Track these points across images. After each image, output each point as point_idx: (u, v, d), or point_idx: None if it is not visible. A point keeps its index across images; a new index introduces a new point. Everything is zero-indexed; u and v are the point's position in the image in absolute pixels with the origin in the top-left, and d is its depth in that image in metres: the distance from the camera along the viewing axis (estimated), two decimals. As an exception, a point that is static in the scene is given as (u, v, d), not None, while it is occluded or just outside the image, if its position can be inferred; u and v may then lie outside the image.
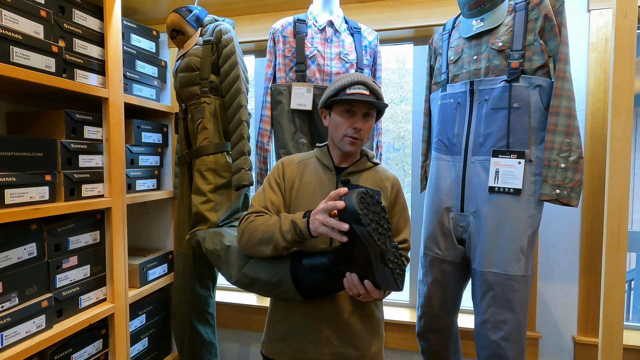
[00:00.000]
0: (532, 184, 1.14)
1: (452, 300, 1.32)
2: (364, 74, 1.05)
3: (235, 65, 1.47)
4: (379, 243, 0.82)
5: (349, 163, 1.09)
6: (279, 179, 1.11)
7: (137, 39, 1.74)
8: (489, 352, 1.17)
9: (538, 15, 1.12)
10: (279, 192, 1.10)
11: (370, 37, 1.50)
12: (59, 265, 1.30)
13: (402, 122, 3.56)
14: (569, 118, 1.10)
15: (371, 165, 1.11)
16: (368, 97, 0.99)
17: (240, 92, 1.46)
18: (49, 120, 1.37)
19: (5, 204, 1.13)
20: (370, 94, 1.00)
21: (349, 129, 1.01)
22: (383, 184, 1.08)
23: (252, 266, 1.06)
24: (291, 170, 1.11)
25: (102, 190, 1.45)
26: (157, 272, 1.80)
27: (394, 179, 1.11)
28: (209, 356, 1.63)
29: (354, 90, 1.00)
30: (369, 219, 0.82)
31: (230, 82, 1.47)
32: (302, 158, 1.15)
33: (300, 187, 1.08)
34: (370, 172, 1.09)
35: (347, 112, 1.02)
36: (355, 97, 0.98)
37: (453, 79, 1.28)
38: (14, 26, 1.16)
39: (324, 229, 0.87)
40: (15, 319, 1.13)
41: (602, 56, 1.43)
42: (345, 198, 0.83)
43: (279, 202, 1.09)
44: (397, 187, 1.10)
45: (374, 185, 1.07)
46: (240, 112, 1.45)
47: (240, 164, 1.43)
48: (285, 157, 1.16)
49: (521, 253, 1.13)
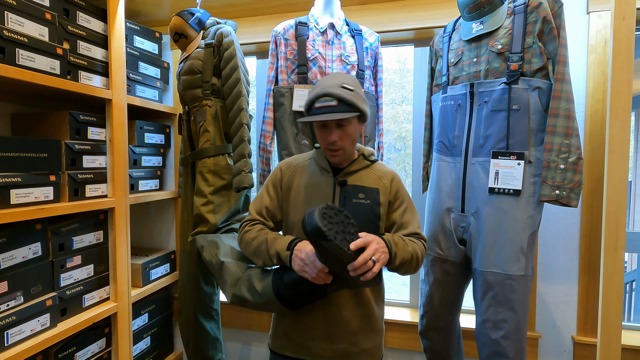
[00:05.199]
0: (531, 185, 1.16)
1: (454, 300, 1.33)
2: (334, 84, 0.99)
3: (236, 69, 1.49)
4: (348, 251, 0.87)
5: (346, 163, 1.08)
6: (276, 184, 1.13)
7: (140, 40, 1.76)
8: (490, 350, 1.18)
9: (537, 17, 1.13)
10: (275, 197, 1.13)
11: (372, 38, 1.51)
12: (63, 265, 1.32)
13: (403, 123, 3.57)
14: (568, 119, 1.11)
15: (368, 163, 1.10)
16: (335, 107, 0.96)
17: (241, 95, 1.48)
18: (54, 121, 1.38)
19: (11, 204, 1.14)
20: (338, 103, 0.96)
21: (326, 142, 1.01)
22: (381, 181, 1.07)
23: (240, 288, 1.12)
24: (289, 173, 1.12)
25: (106, 190, 1.47)
26: (159, 272, 1.81)
27: (392, 174, 1.10)
28: (214, 351, 1.65)
29: (321, 104, 0.98)
30: (335, 232, 0.87)
31: (231, 85, 1.49)
32: (300, 160, 1.15)
33: (299, 191, 1.09)
34: (367, 170, 1.09)
35: (321, 126, 1.01)
36: (321, 113, 0.97)
37: (453, 81, 1.29)
38: (19, 29, 1.18)
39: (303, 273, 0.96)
40: (20, 317, 1.15)
41: (601, 58, 1.44)
42: (308, 219, 0.87)
43: (274, 208, 1.13)
44: (396, 181, 1.09)
45: (372, 183, 1.06)
46: (240, 115, 1.47)
47: (241, 166, 1.44)
48: (284, 161, 1.16)
49: (521, 253, 1.14)
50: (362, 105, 1.00)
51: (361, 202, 1.04)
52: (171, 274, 1.90)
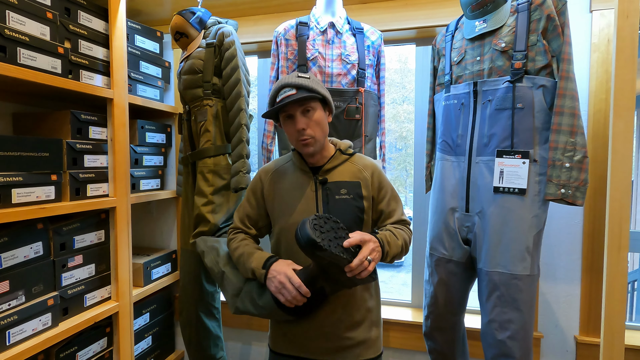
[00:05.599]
0: (536, 183, 1.15)
1: (458, 300, 1.32)
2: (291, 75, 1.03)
3: (236, 69, 1.49)
4: (343, 256, 0.90)
5: (323, 161, 1.08)
6: (256, 192, 1.15)
7: (141, 40, 1.76)
8: (496, 351, 1.17)
9: (541, 15, 1.12)
10: (255, 205, 1.15)
11: (374, 36, 1.50)
12: (65, 264, 1.31)
13: (404, 122, 3.56)
14: (573, 117, 1.11)
15: (346, 157, 1.10)
16: (295, 95, 0.98)
17: (241, 95, 1.48)
18: (55, 120, 1.38)
19: (12, 204, 1.14)
20: (297, 90, 0.99)
21: (295, 133, 1.02)
22: (362, 174, 1.08)
23: (243, 302, 1.12)
24: (268, 180, 1.13)
25: (107, 190, 1.46)
26: (160, 271, 1.81)
27: (372, 165, 1.11)
28: (216, 349, 1.66)
29: (281, 96, 1.00)
30: (328, 240, 0.89)
31: (231, 85, 1.49)
32: (279, 165, 1.16)
33: (280, 195, 1.10)
34: (346, 164, 1.09)
35: (288, 117, 1.03)
36: (282, 101, 0.98)
37: (456, 80, 1.28)
38: (20, 28, 1.17)
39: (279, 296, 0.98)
40: (21, 316, 1.14)
41: (604, 57, 1.43)
42: (300, 232, 0.89)
43: (255, 216, 1.16)
44: (377, 172, 1.10)
45: (352, 177, 1.07)
46: (240, 115, 1.48)
47: (239, 167, 1.45)
48: (262, 168, 1.18)
49: (527, 253, 1.14)
50: (323, 90, 1.02)
51: (344, 197, 1.05)
52: (172, 273, 1.89)
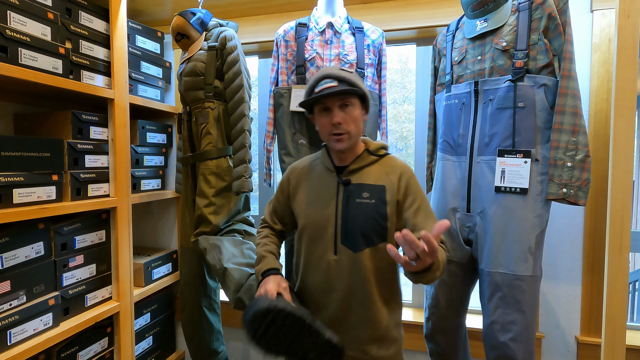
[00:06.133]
0: (538, 183, 1.14)
1: (460, 301, 1.31)
2: (333, 67, 1.00)
3: (239, 74, 1.50)
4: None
5: (350, 160, 1.04)
6: (283, 189, 1.14)
7: (142, 40, 1.76)
8: (498, 353, 1.15)
9: (542, 14, 1.12)
10: (282, 201, 1.15)
11: (374, 35, 1.50)
12: (66, 264, 1.32)
13: (405, 123, 3.57)
14: (575, 117, 1.10)
15: (375, 158, 1.04)
16: (336, 87, 0.94)
17: (243, 101, 1.50)
18: (56, 120, 1.38)
19: (14, 204, 1.14)
20: (339, 83, 0.95)
21: (330, 127, 0.98)
22: (388, 178, 1.01)
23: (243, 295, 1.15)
24: (295, 176, 1.12)
25: (108, 190, 1.46)
26: (161, 271, 1.81)
27: (401, 168, 1.03)
28: (218, 343, 1.69)
29: (322, 87, 0.96)
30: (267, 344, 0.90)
31: (233, 90, 1.50)
32: (308, 162, 1.14)
33: (305, 193, 1.07)
34: (374, 166, 1.03)
35: (324, 110, 0.99)
36: (322, 92, 0.94)
37: (457, 79, 1.28)
38: (22, 28, 1.17)
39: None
40: (23, 316, 1.15)
41: (605, 56, 1.43)
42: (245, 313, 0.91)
43: (282, 212, 1.16)
44: (406, 176, 1.01)
45: (378, 180, 1.01)
46: (242, 121, 1.49)
47: (241, 171, 1.47)
48: (294, 163, 1.16)
49: (529, 253, 1.13)
50: (364, 87, 0.98)
51: (365, 202, 0.99)
52: (173, 273, 1.90)
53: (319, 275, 1.03)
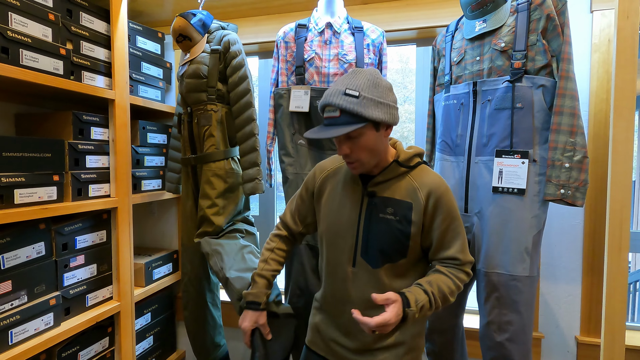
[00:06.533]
0: (536, 183, 1.14)
1: (457, 302, 1.32)
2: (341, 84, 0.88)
3: (245, 79, 1.52)
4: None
5: (377, 171, 0.96)
6: (309, 188, 1.09)
7: (142, 41, 1.76)
8: (495, 353, 1.16)
9: (540, 15, 1.12)
10: (307, 199, 1.10)
11: (374, 34, 1.50)
12: (67, 264, 1.32)
13: (405, 123, 3.56)
14: (573, 117, 1.10)
15: (405, 170, 0.95)
16: (338, 119, 0.86)
17: (251, 106, 1.52)
18: (57, 121, 1.39)
19: (15, 204, 1.15)
20: (341, 113, 0.86)
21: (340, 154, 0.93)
22: (415, 194, 0.93)
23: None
24: (321, 179, 1.07)
25: (109, 190, 1.47)
26: (162, 272, 1.82)
27: (431, 185, 0.93)
28: (220, 337, 1.73)
29: (326, 115, 0.89)
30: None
31: (239, 94, 1.52)
32: (335, 164, 1.08)
33: (328, 198, 1.03)
34: (402, 179, 0.95)
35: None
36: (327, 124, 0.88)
37: (456, 80, 1.28)
38: (23, 29, 1.18)
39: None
40: (24, 316, 1.15)
41: (604, 57, 1.43)
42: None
43: (306, 212, 1.12)
44: (436, 194, 0.92)
45: (405, 196, 0.93)
46: (252, 125, 1.52)
47: (254, 174, 1.50)
48: (319, 163, 1.10)
49: (526, 253, 1.13)
50: (372, 112, 0.85)
51: (389, 218, 0.93)
52: (174, 273, 1.90)
53: (337, 283, 1.01)
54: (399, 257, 0.94)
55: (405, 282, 0.97)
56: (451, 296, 0.92)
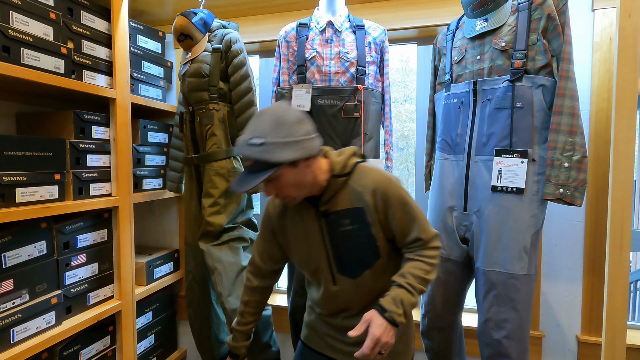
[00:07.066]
0: (535, 183, 1.15)
1: (456, 299, 1.32)
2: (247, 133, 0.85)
3: (247, 77, 1.53)
4: None
5: (320, 190, 0.95)
6: (267, 226, 1.09)
7: (143, 40, 1.77)
8: (492, 350, 1.17)
9: (541, 15, 1.12)
10: (269, 237, 1.09)
11: (375, 32, 1.49)
12: (68, 263, 1.33)
13: (406, 122, 3.56)
14: (573, 117, 1.10)
15: (344, 179, 0.95)
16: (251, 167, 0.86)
17: (253, 104, 1.53)
18: (58, 120, 1.39)
19: (16, 203, 1.15)
20: (253, 162, 0.85)
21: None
22: (362, 197, 0.93)
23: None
24: (276, 214, 1.06)
25: (110, 189, 1.47)
26: (163, 270, 1.82)
27: (372, 183, 0.93)
28: (224, 334, 1.76)
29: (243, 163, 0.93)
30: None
31: (241, 93, 1.52)
32: None
33: (289, 231, 1.04)
34: (346, 188, 0.95)
35: None
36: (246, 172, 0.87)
37: (457, 79, 1.28)
38: (24, 28, 1.18)
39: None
40: (25, 315, 1.16)
41: (606, 56, 1.43)
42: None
43: (271, 250, 1.10)
44: (380, 191, 0.93)
45: (354, 203, 0.94)
46: None
47: None
48: (269, 201, 1.09)
49: (524, 252, 1.14)
50: (280, 155, 0.83)
51: (349, 229, 0.95)
52: (175, 272, 1.91)
53: (325, 299, 1.04)
54: (374, 260, 0.97)
55: (387, 276, 1.01)
56: (429, 275, 0.92)
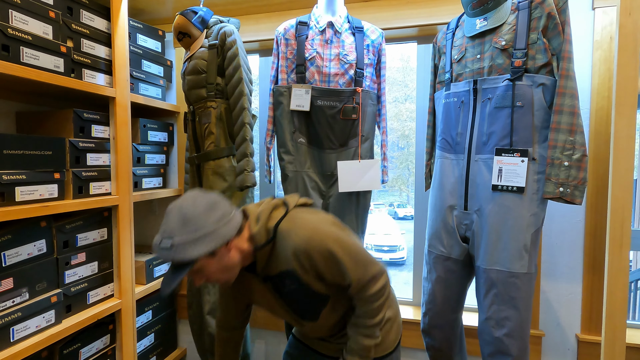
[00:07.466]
0: (535, 182, 1.15)
1: (456, 298, 1.32)
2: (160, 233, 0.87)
3: (238, 68, 1.50)
4: None
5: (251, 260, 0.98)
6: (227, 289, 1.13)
7: (143, 38, 1.76)
8: (493, 348, 1.18)
9: (541, 13, 1.12)
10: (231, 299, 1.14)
11: (374, 35, 1.50)
12: (68, 262, 1.33)
13: (406, 121, 3.56)
14: (573, 116, 1.10)
15: (269, 246, 0.94)
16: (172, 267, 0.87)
17: (243, 94, 1.50)
18: (58, 119, 1.39)
19: (16, 201, 1.15)
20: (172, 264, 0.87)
21: None
22: (289, 260, 0.92)
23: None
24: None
25: (110, 188, 1.47)
26: (163, 269, 1.82)
27: (292, 247, 0.90)
28: None
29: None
30: None
31: (234, 84, 1.51)
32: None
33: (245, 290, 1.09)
34: (274, 253, 0.95)
35: None
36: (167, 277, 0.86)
37: (457, 77, 1.28)
38: (23, 27, 1.18)
39: None
40: (25, 313, 1.16)
41: (606, 54, 1.43)
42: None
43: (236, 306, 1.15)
44: (301, 252, 0.90)
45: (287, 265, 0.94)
46: (243, 114, 1.49)
47: (243, 165, 1.47)
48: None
49: (524, 251, 1.14)
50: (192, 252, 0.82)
51: (292, 288, 0.96)
52: (175, 271, 1.91)
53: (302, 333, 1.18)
54: (326, 301, 1.00)
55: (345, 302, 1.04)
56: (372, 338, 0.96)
